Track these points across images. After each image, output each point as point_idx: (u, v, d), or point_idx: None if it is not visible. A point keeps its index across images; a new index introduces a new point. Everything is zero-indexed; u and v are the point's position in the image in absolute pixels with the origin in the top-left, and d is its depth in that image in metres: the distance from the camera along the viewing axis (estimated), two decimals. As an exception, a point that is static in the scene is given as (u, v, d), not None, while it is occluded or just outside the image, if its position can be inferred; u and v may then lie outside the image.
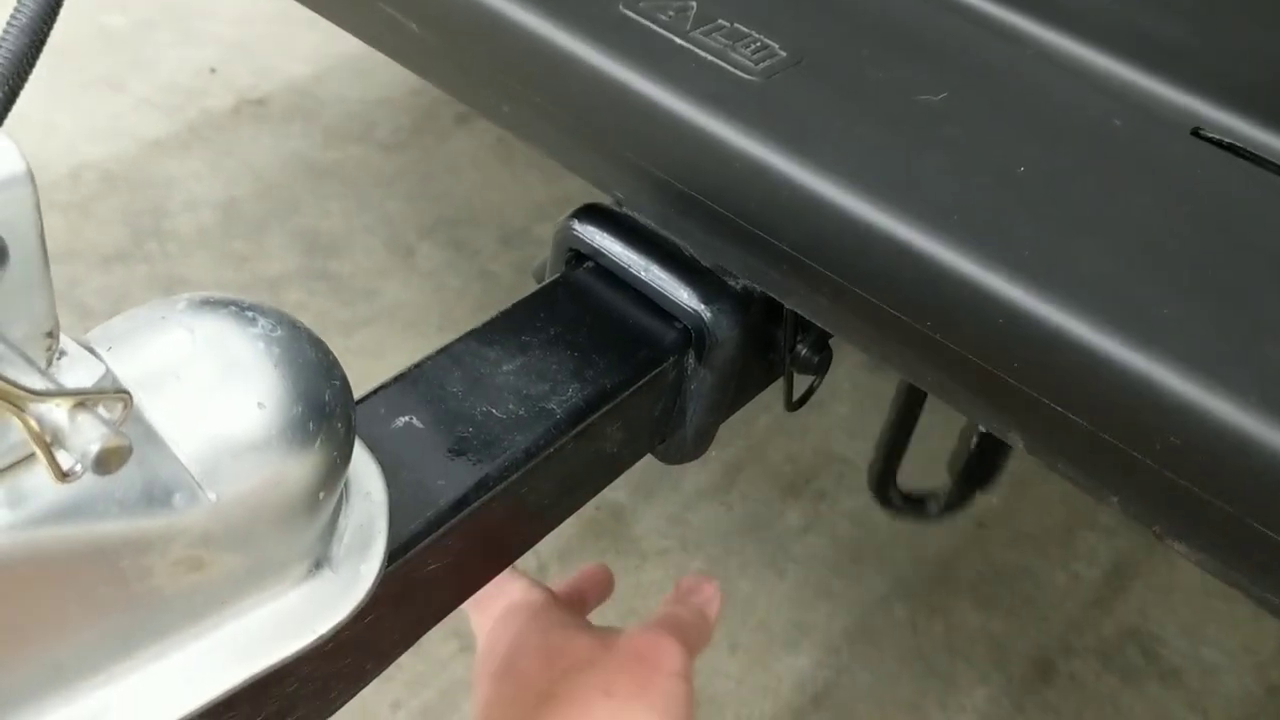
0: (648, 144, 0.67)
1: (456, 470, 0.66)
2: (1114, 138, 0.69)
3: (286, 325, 0.53)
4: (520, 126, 0.75)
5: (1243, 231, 0.63)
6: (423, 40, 0.74)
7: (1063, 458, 0.60)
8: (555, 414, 0.70)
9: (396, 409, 0.68)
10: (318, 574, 0.55)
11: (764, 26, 0.70)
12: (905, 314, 0.61)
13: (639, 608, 1.58)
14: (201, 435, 0.48)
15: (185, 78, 2.32)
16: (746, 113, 0.65)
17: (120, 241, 1.97)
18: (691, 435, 0.81)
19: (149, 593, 0.48)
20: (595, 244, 0.78)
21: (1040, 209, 0.62)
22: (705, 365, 0.77)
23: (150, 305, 0.52)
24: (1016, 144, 0.67)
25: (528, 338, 0.74)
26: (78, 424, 0.40)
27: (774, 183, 0.63)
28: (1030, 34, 0.75)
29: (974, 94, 0.70)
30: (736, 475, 1.78)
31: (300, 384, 0.51)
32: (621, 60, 0.67)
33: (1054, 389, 0.57)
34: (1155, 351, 0.55)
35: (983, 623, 1.67)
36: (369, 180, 2.15)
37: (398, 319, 1.94)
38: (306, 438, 0.51)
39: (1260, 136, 0.70)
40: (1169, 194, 0.65)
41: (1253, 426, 0.53)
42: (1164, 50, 0.73)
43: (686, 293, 0.75)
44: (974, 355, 0.59)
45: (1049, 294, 0.57)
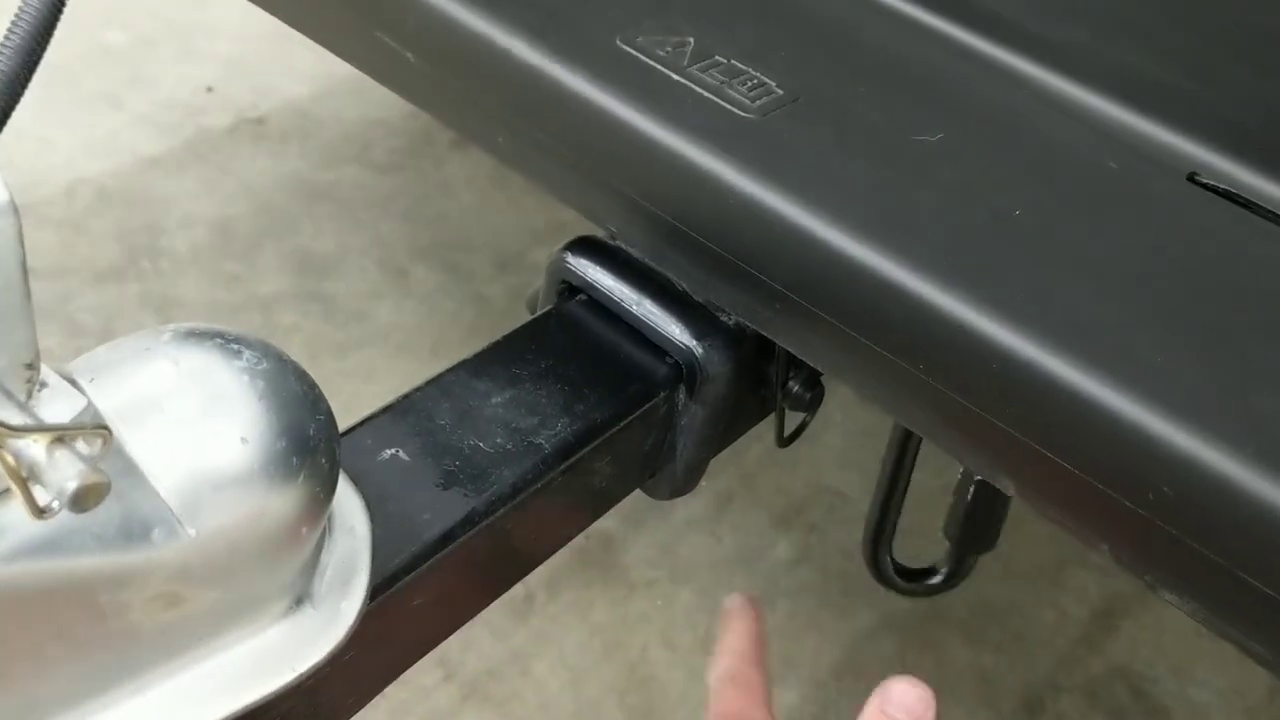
0: (642, 179, 0.67)
1: (442, 504, 0.66)
2: (1110, 181, 0.69)
3: (272, 358, 0.52)
4: (515, 158, 0.74)
5: (1237, 279, 0.63)
6: (420, 71, 0.74)
7: (1054, 504, 0.59)
8: (543, 448, 0.70)
9: (384, 440, 0.68)
10: (298, 610, 0.54)
11: (761, 64, 0.70)
12: (897, 356, 0.61)
13: (625, 640, 1.57)
14: (182, 469, 0.48)
15: (184, 95, 2.32)
16: (741, 150, 0.64)
17: (114, 259, 1.96)
18: (682, 470, 0.81)
19: (126, 628, 0.48)
20: (588, 277, 0.78)
21: (1034, 252, 0.62)
22: (696, 401, 0.76)
23: (136, 336, 0.52)
24: (1011, 186, 0.66)
25: (518, 370, 0.74)
26: (55, 460, 0.39)
27: (767, 220, 0.63)
28: (1028, 75, 0.75)
29: (970, 135, 0.70)
30: (727, 506, 1.77)
31: (284, 418, 0.51)
32: (617, 95, 0.67)
33: (1046, 435, 0.57)
34: (1148, 400, 0.54)
35: (972, 659, 1.66)
36: (364, 201, 2.15)
37: (390, 342, 1.93)
38: (289, 473, 0.50)
39: (1256, 183, 0.70)
40: (1164, 239, 0.65)
41: (1245, 478, 0.52)
42: (1161, 94, 0.73)
43: (678, 328, 0.75)
44: (966, 399, 0.59)
45: (1041, 339, 0.57)
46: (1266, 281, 0.63)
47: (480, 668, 1.55)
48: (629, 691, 1.57)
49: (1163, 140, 0.72)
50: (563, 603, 1.65)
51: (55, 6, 0.81)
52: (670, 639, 1.62)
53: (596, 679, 1.57)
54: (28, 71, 0.81)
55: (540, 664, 1.57)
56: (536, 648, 1.59)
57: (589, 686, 1.57)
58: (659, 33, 0.71)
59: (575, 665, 1.58)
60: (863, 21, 0.77)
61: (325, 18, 0.82)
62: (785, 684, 1.62)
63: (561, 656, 1.59)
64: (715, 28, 0.73)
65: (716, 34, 0.72)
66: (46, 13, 0.80)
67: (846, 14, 0.77)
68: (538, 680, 1.56)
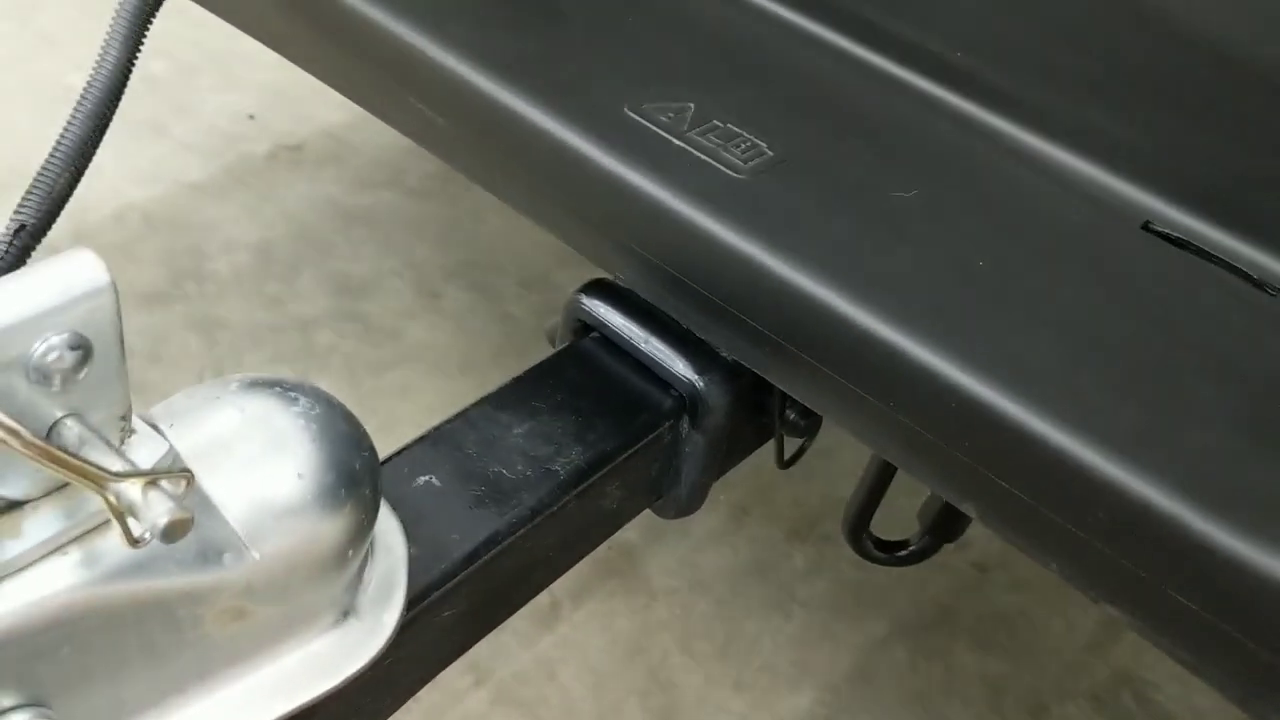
0: (645, 234, 0.75)
1: (469, 526, 0.74)
2: (1069, 231, 0.76)
3: (323, 403, 0.61)
4: (534, 212, 0.83)
5: (1179, 322, 0.70)
6: (448, 133, 0.82)
7: (1008, 527, 0.67)
8: (559, 475, 0.78)
9: (418, 468, 0.76)
10: (345, 622, 0.62)
11: (755, 126, 0.78)
12: (871, 394, 0.68)
13: (646, 646, 1.64)
14: (248, 501, 0.56)
15: (225, 123, 2.42)
16: (733, 209, 0.72)
17: (160, 282, 2.06)
18: (686, 493, 0.88)
19: (199, 638, 0.56)
20: (600, 317, 0.85)
21: (993, 301, 0.69)
22: (698, 430, 0.84)
23: (207, 385, 0.60)
24: (979, 238, 0.74)
25: (537, 403, 0.82)
26: (149, 500, 0.47)
27: (756, 273, 0.70)
28: (996, 130, 0.82)
29: (943, 189, 0.77)
30: (744, 518, 1.84)
31: (334, 456, 0.59)
32: (623, 159, 0.75)
33: (999, 466, 0.64)
34: (1086, 435, 0.62)
35: (980, 665, 1.72)
36: (398, 225, 2.24)
37: (423, 360, 2.02)
38: (338, 503, 0.59)
39: (1206, 231, 0.77)
40: (1114, 286, 0.72)
41: (1171, 506, 0.59)
42: (1118, 146, 0.80)
43: (681, 364, 0.83)
44: (930, 434, 0.67)
45: (995, 381, 0.64)
46: (1203, 324, 0.70)
47: (509, 672, 1.62)
48: (650, 695, 1.63)
49: (1120, 189, 0.79)
50: (587, 611, 1.72)
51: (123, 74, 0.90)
52: (689, 646, 1.69)
53: (619, 683, 1.64)
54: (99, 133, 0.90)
55: (566, 669, 1.64)
56: (562, 654, 1.66)
57: (612, 691, 1.63)
58: (663, 99, 0.79)
59: (599, 670, 1.64)
60: (848, 82, 0.85)
61: (364, 84, 0.91)
62: (799, 690, 1.69)
63: (586, 662, 1.65)
64: (714, 93, 0.80)
65: (715, 99, 0.80)
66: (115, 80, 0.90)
67: (834, 72, 0.85)
68: (563, 685, 1.63)
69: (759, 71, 0.84)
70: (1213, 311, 0.72)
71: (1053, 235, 0.75)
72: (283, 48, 0.97)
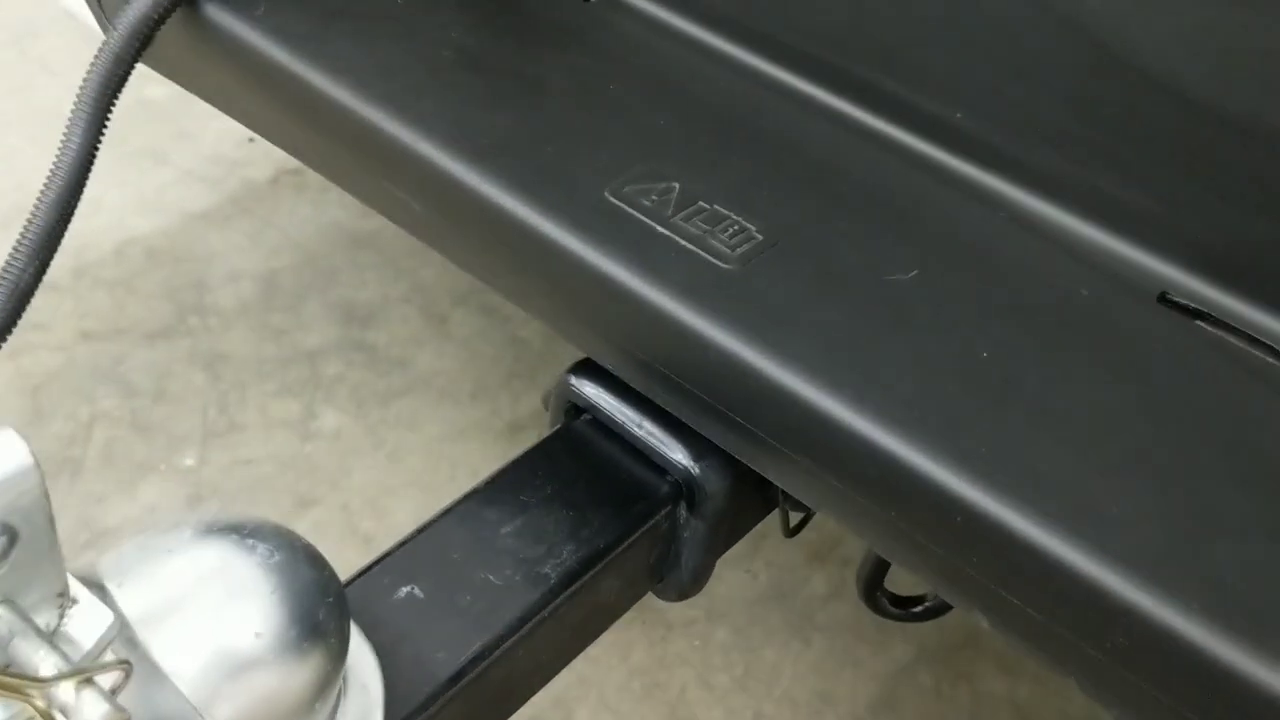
0: (629, 328, 0.71)
1: (455, 641, 0.70)
2: (1080, 309, 0.71)
3: (285, 548, 0.57)
4: (518, 298, 0.79)
5: (1200, 412, 0.66)
6: (422, 217, 0.78)
7: (1021, 641, 0.63)
8: (550, 578, 0.74)
9: (399, 579, 0.73)
10: (317, 773, 0.59)
11: (743, 207, 0.74)
12: (871, 501, 0.64)
13: (664, 681, 1.61)
14: (202, 664, 0.53)
15: (226, 148, 2.39)
16: (720, 303, 0.68)
17: (164, 316, 2.03)
18: (688, 577, 0.85)
19: (157, 816, 0.53)
20: (590, 399, 0.82)
21: (999, 400, 0.65)
22: (697, 516, 0.80)
23: (160, 533, 0.57)
24: (982, 324, 0.69)
25: (526, 497, 0.78)
26: (82, 701, 0.44)
27: (745, 372, 0.66)
28: (1000, 197, 0.78)
29: (943, 268, 0.73)
30: (761, 543, 1.80)
31: (296, 608, 0.55)
32: (604, 249, 0.70)
33: (1008, 582, 0.60)
34: (1103, 554, 0.58)
35: (1008, 690, 1.69)
36: (404, 249, 2.21)
37: (432, 388, 1.99)
38: (301, 656, 0.55)
39: (1224, 301, 0.72)
40: (1132, 372, 0.68)
41: (1194, 632, 0.55)
42: (1132, 214, 0.75)
43: (677, 450, 0.79)
44: (935, 545, 0.62)
45: (1002, 493, 0.60)
46: (1227, 412, 0.65)
47: (523, 715, 1.59)
48: (670, 733, 1.60)
49: (1134, 259, 0.75)
50: (602, 645, 1.68)
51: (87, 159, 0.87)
52: (708, 679, 1.66)
53: (637, 721, 1.61)
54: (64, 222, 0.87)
55: (582, 709, 1.61)
56: (578, 692, 1.63)
57: (631, 729, 1.60)
58: (646, 180, 0.75)
59: (616, 708, 1.62)
60: (840, 146, 0.80)
61: (338, 167, 0.87)
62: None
63: (603, 699, 1.63)
64: (700, 170, 0.76)
65: (701, 177, 0.76)
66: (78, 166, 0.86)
67: (824, 139, 0.80)
68: (580, 725, 1.60)
69: (746, 141, 0.80)
70: (1237, 395, 0.67)
71: (1062, 312, 0.71)
72: (253, 124, 0.93)
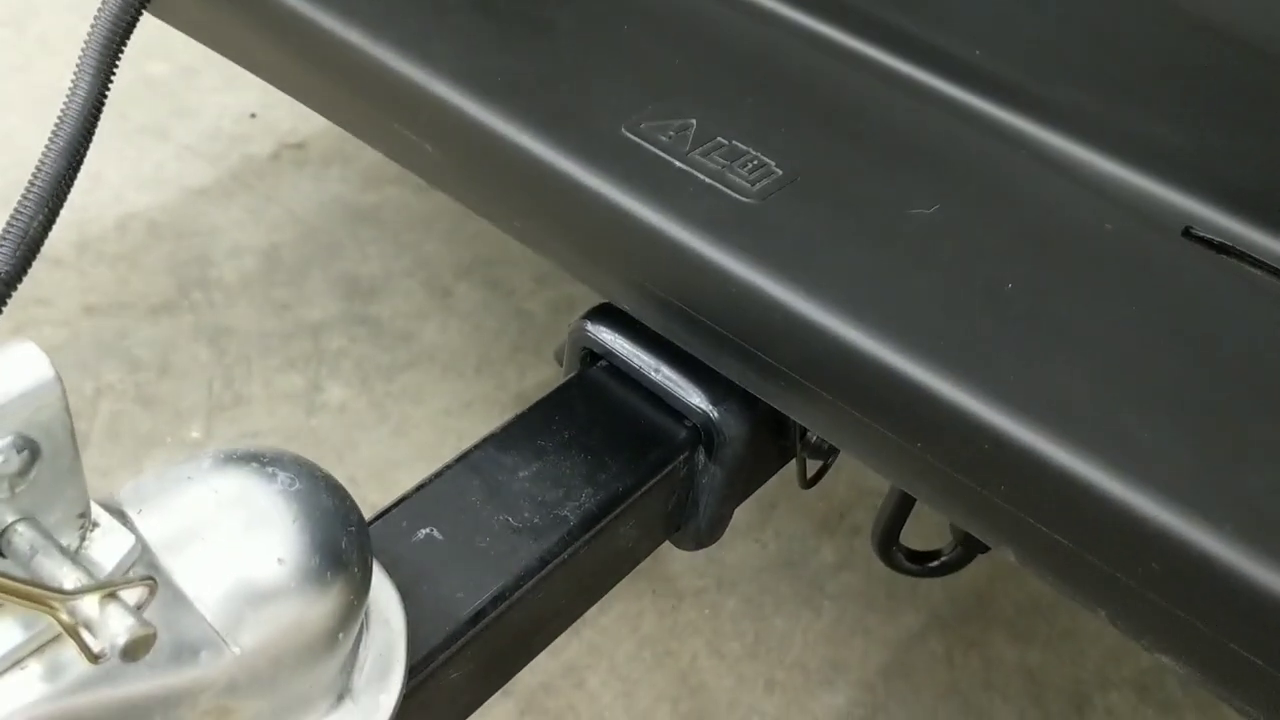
0: (648, 265, 0.70)
1: (475, 582, 0.69)
2: (1104, 243, 0.70)
3: (305, 477, 0.56)
4: (531, 240, 0.78)
5: (1228, 342, 0.65)
6: (436, 160, 0.77)
7: (1052, 574, 0.62)
8: (569, 520, 0.73)
9: (418, 521, 0.72)
10: (340, 707, 0.58)
11: (761, 143, 0.73)
12: (897, 434, 0.63)
13: (675, 649, 1.61)
14: (225, 591, 0.52)
15: (227, 124, 2.37)
16: (742, 236, 0.67)
17: (167, 292, 2.02)
18: (706, 525, 0.84)
19: (180, 743, 0.52)
20: (607, 345, 0.81)
21: (1027, 330, 0.64)
22: (715, 461, 0.79)
23: (179, 462, 0.56)
24: (1006, 256, 0.69)
25: (543, 442, 0.78)
26: (107, 615, 0.43)
27: (769, 306, 0.65)
28: (1023, 134, 0.77)
29: (966, 203, 0.72)
30: (770, 513, 1.80)
31: (318, 536, 0.54)
32: (622, 185, 0.69)
33: (1039, 511, 0.59)
34: (1134, 480, 0.57)
35: (1019, 656, 1.68)
36: (407, 222, 2.19)
37: (436, 361, 1.98)
38: (324, 585, 0.54)
39: (1249, 234, 0.71)
40: (1156, 305, 0.67)
41: (1229, 555, 0.54)
42: (1156, 149, 0.74)
43: (695, 394, 0.78)
44: (962, 475, 0.62)
45: (1032, 420, 0.59)
46: (1255, 342, 0.65)
47: (535, 683, 1.60)
48: (680, 700, 1.60)
49: (1158, 194, 0.74)
50: (613, 615, 1.68)
51: (96, 106, 0.86)
52: (719, 647, 1.66)
53: (648, 689, 1.61)
54: (73, 171, 0.85)
55: (593, 676, 1.61)
56: (589, 660, 1.63)
57: (641, 697, 1.60)
58: (662, 116, 0.74)
59: (627, 676, 1.61)
60: (859, 85, 0.79)
61: (348, 110, 0.86)
62: (834, 688, 1.65)
63: (614, 668, 1.62)
64: (717, 107, 0.75)
65: (719, 114, 0.75)
66: (87, 114, 0.85)
67: (843, 79, 0.79)
68: (591, 693, 1.60)
69: (764, 80, 0.79)
70: (1263, 326, 0.67)
71: (1087, 247, 0.70)
72: (263, 72, 0.92)
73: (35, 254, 0.85)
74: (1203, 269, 0.70)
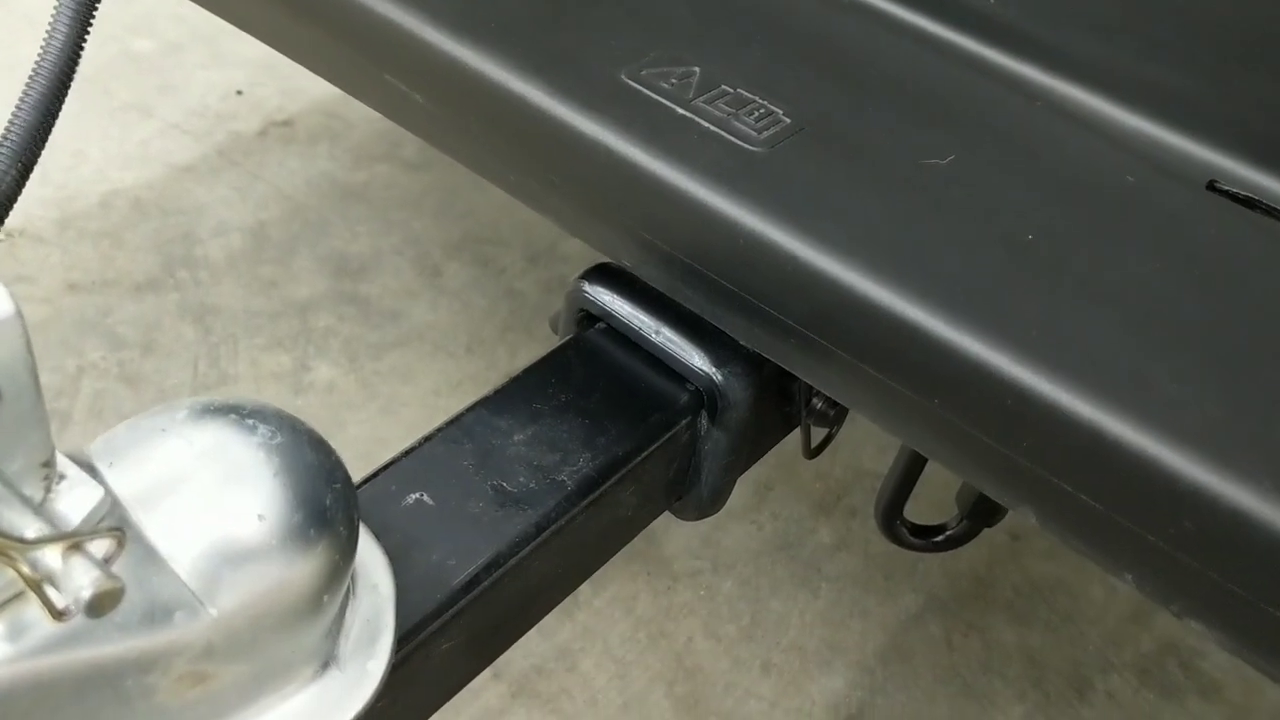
0: (651, 217, 0.67)
1: (467, 548, 0.66)
2: (1126, 195, 0.67)
3: (287, 430, 0.53)
4: (526, 195, 0.74)
5: (1256, 295, 0.62)
6: (428, 111, 0.74)
7: (1075, 535, 0.59)
8: (566, 485, 0.70)
9: (407, 485, 0.69)
10: (324, 674, 0.55)
11: (768, 91, 0.70)
12: (913, 391, 0.60)
13: (669, 631, 1.58)
14: (201, 549, 0.49)
15: (213, 101, 2.34)
16: (749, 186, 0.64)
17: (151, 269, 1.98)
18: (707, 493, 0.81)
19: (153, 710, 0.49)
20: (606, 306, 0.78)
21: (1048, 282, 0.61)
22: (718, 427, 0.76)
23: (153, 413, 0.53)
24: (1025, 208, 0.65)
25: (539, 405, 0.74)
26: (70, 567, 0.40)
27: (777, 258, 0.62)
28: (1040, 86, 0.74)
29: (981, 154, 0.69)
30: (767, 494, 1.77)
31: (300, 492, 0.51)
32: (622, 133, 0.66)
33: (1064, 469, 0.57)
34: (1165, 435, 0.54)
35: (1019, 639, 1.66)
36: (396, 200, 2.16)
37: (426, 340, 1.95)
38: (308, 544, 0.51)
39: (1275, 187, 0.69)
40: (1181, 257, 0.64)
41: (1267, 513, 0.52)
42: (1177, 101, 0.71)
43: (698, 356, 0.75)
44: (983, 433, 0.59)
45: (1056, 374, 0.56)
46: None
47: (528, 665, 1.57)
48: (675, 682, 1.58)
49: (1181, 147, 0.71)
50: (607, 597, 1.66)
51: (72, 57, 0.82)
52: (714, 629, 1.63)
53: (643, 671, 1.59)
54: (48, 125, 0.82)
55: (587, 659, 1.58)
56: (583, 643, 1.61)
57: (636, 679, 1.58)
58: (664, 64, 0.71)
59: (621, 658, 1.59)
60: (869, 36, 0.76)
61: (334, 59, 0.82)
62: (832, 671, 1.63)
63: (608, 650, 1.60)
64: (721, 55, 0.72)
65: (722, 61, 0.71)
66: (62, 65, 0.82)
67: (852, 30, 0.76)
68: (585, 675, 1.57)
69: (769, 27, 0.75)
70: (1291, 280, 0.64)
71: (1108, 200, 0.67)
72: (249, 26, 0.89)
73: (9, 207, 0.81)
74: (1227, 221, 0.67)
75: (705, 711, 1.53)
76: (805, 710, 1.59)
